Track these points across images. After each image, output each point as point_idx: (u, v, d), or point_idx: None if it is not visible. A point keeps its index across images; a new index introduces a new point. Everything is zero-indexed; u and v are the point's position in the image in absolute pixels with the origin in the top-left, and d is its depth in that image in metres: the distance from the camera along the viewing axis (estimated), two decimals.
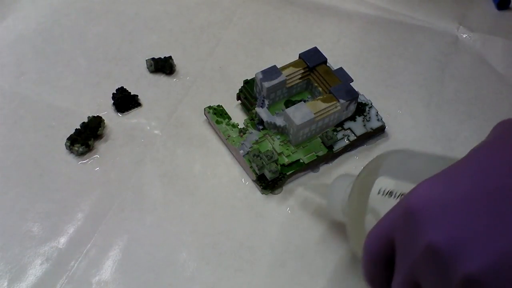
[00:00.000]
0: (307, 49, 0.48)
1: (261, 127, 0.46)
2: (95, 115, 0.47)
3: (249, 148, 0.45)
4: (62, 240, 0.42)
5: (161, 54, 0.52)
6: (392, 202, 0.32)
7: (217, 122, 0.47)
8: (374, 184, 0.34)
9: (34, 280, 0.40)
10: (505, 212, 0.25)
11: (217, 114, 0.47)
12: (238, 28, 0.55)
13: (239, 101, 0.49)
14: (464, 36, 0.56)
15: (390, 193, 0.33)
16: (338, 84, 0.46)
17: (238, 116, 0.48)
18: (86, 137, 0.46)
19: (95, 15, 0.56)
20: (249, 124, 0.47)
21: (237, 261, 0.41)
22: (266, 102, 0.46)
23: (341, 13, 0.57)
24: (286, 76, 0.46)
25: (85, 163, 0.46)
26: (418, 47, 0.55)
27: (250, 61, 0.53)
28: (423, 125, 0.49)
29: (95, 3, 0.56)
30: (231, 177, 0.46)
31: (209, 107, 0.47)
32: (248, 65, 0.52)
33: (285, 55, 0.53)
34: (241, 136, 0.46)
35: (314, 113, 0.44)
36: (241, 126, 0.47)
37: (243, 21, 0.56)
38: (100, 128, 0.47)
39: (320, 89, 0.46)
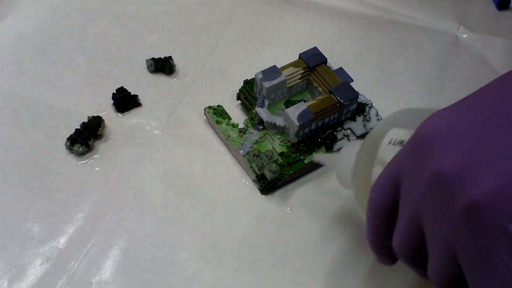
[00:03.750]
0: (307, 49, 0.48)
1: (261, 127, 0.46)
2: (95, 115, 0.47)
3: (249, 148, 0.45)
4: (62, 240, 0.42)
5: (161, 54, 0.52)
6: None
7: (217, 122, 0.47)
8: (385, 136, 0.32)
9: (34, 280, 0.40)
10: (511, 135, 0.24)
11: (217, 114, 0.47)
12: (238, 28, 0.55)
13: (239, 101, 0.49)
14: (464, 36, 0.56)
15: (401, 142, 0.31)
16: (338, 84, 0.46)
17: (238, 116, 0.48)
18: (86, 137, 0.46)
19: (95, 15, 0.56)
20: (249, 124, 0.47)
21: (237, 261, 0.41)
22: (266, 102, 0.46)
23: (341, 13, 0.57)
24: (286, 76, 0.46)
25: (85, 163, 0.46)
26: (418, 47, 0.55)
27: (250, 61, 0.53)
28: None
29: (95, 3, 0.56)
30: (231, 177, 0.46)
31: (209, 107, 0.47)
32: (248, 65, 0.52)
33: (285, 55, 0.53)
34: (241, 136, 0.46)
35: (314, 113, 0.44)
36: (241, 126, 0.47)
37: (243, 21, 0.56)
38: (100, 128, 0.47)
39: (320, 89, 0.46)
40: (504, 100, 0.26)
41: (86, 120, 0.47)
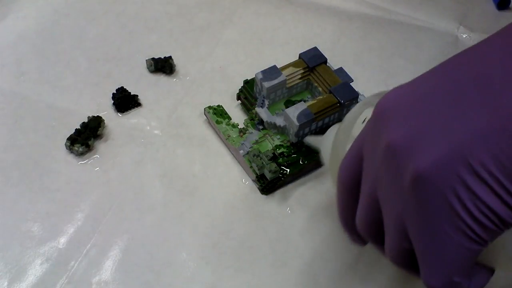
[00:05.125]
0: (307, 49, 0.48)
1: (261, 127, 0.46)
2: (95, 115, 0.47)
3: (249, 148, 0.45)
4: (62, 240, 0.42)
5: (161, 54, 0.52)
6: None
7: (217, 122, 0.47)
8: (360, 116, 0.33)
9: (34, 280, 0.40)
10: (459, 108, 0.25)
11: (217, 114, 0.47)
12: (238, 28, 0.55)
13: (239, 101, 0.49)
14: (464, 36, 0.56)
15: None
16: (338, 84, 0.46)
17: (238, 116, 0.48)
18: (86, 137, 0.46)
19: (95, 15, 0.56)
20: (249, 124, 0.47)
21: (237, 261, 0.41)
22: (266, 102, 0.46)
23: (341, 13, 0.57)
24: (286, 76, 0.46)
25: (85, 163, 0.46)
26: (418, 47, 0.55)
27: (250, 61, 0.53)
28: None
29: (95, 3, 0.56)
30: (231, 177, 0.46)
31: (209, 107, 0.47)
32: (248, 65, 0.52)
33: (285, 55, 0.52)
34: (241, 136, 0.46)
35: (314, 113, 0.44)
36: (241, 126, 0.47)
37: (243, 21, 0.56)
38: (100, 128, 0.47)
39: (320, 89, 0.46)
40: (456, 77, 0.26)
41: (86, 120, 0.47)
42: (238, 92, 0.49)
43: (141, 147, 0.47)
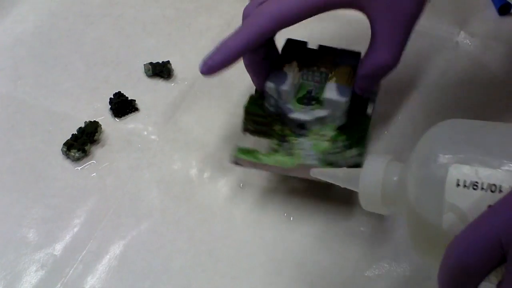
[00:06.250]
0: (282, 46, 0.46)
1: (301, 131, 0.42)
2: (92, 120, 0.47)
3: (315, 155, 0.41)
4: (58, 246, 0.42)
5: (159, 58, 0.52)
6: (482, 195, 0.28)
7: (262, 157, 0.41)
8: (447, 175, 0.29)
9: (29, 287, 0.40)
10: None
11: (251, 152, 0.41)
12: None
13: (247, 132, 0.44)
14: (464, 41, 0.56)
15: (475, 185, 0.28)
16: (337, 55, 0.45)
17: (250, 141, 0.44)
18: (83, 142, 0.46)
19: (93, 19, 0.55)
20: (287, 138, 0.42)
21: (234, 268, 0.41)
22: (290, 105, 0.43)
23: (341, 17, 0.57)
24: (289, 73, 0.43)
25: (81, 169, 0.46)
26: (418, 52, 0.55)
27: None
28: (423, 132, 0.49)
29: (93, 7, 0.56)
30: (228, 183, 0.45)
31: (239, 151, 0.41)
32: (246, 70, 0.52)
33: None
34: (291, 153, 0.41)
35: (346, 84, 0.42)
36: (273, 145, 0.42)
37: None
38: (96, 133, 0.46)
39: (323, 69, 0.44)
40: None
41: (82, 125, 0.47)
42: (243, 125, 0.43)
43: (138, 152, 0.47)
